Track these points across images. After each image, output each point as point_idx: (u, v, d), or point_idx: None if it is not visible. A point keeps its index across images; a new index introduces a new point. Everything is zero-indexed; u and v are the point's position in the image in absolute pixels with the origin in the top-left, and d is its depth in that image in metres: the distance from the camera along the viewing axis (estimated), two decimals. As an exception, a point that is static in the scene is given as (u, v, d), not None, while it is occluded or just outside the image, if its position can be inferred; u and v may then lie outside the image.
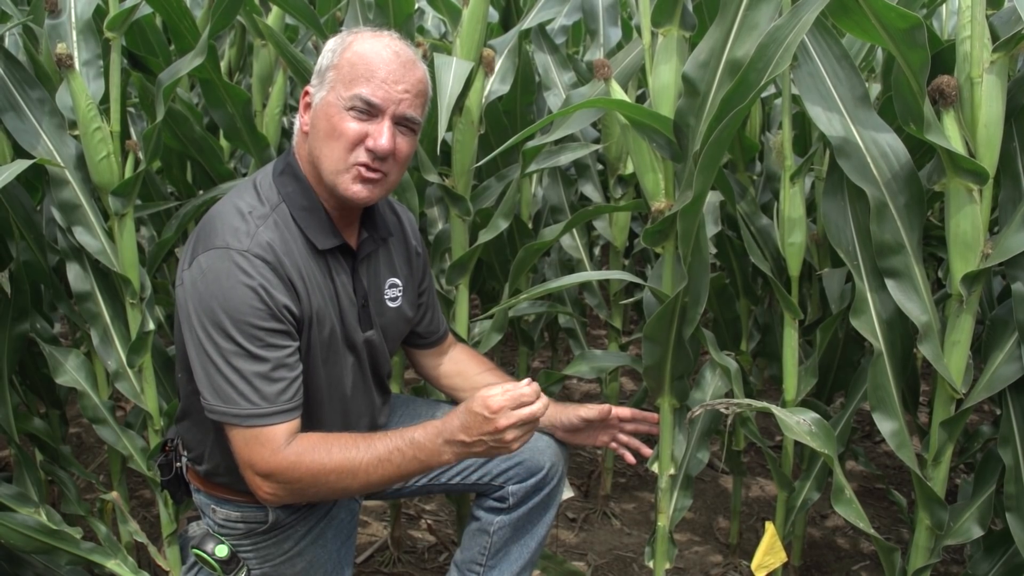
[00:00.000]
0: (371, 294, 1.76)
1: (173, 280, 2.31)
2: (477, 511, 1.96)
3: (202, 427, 1.68)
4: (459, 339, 2.13)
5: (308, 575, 1.84)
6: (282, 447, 1.53)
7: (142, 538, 2.18)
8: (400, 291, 1.83)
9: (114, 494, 2.19)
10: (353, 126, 1.56)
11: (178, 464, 1.79)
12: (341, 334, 1.69)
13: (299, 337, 1.60)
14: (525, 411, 1.53)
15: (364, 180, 1.60)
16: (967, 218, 1.58)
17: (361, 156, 1.58)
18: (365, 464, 1.55)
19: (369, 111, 1.57)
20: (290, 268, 1.56)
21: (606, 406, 1.92)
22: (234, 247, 1.52)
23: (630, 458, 1.98)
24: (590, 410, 1.91)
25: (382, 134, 1.57)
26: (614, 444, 1.98)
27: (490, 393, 1.53)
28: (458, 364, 2.02)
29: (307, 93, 1.63)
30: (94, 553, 2.08)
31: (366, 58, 1.57)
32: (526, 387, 1.54)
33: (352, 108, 1.56)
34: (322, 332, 1.64)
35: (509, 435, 1.53)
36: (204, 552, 1.73)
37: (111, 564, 2.10)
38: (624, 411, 1.94)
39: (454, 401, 2.02)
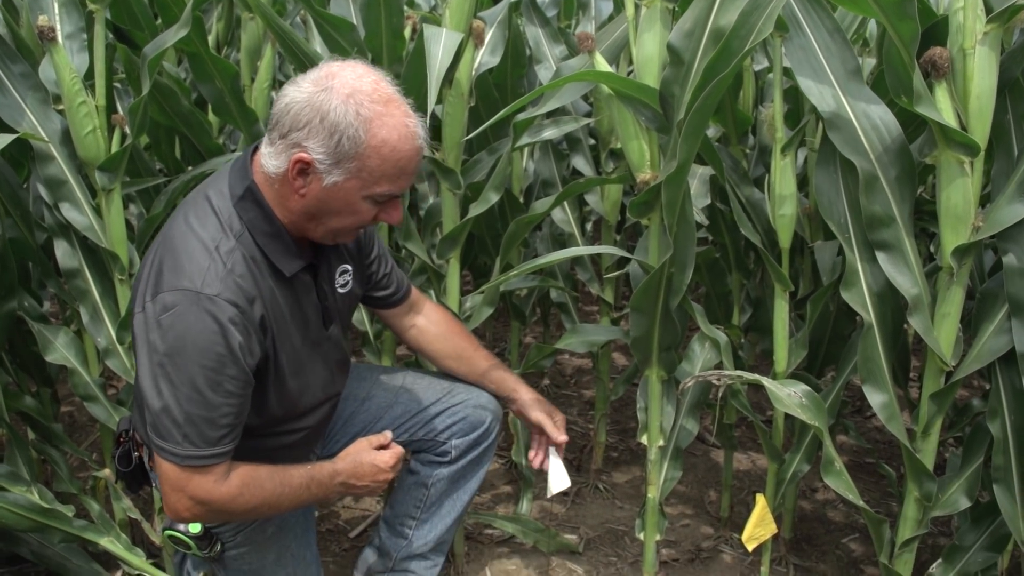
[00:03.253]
0: (329, 292, 1.78)
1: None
2: (415, 465, 2.06)
3: None
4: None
5: (280, 538, 1.87)
6: (222, 479, 1.58)
7: (136, 515, 2.18)
8: (350, 275, 1.84)
9: (106, 471, 2.19)
10: (372, 208, 1.59)
11: (136, 454, 1.79)
12: (309, 341, 1.72)
13: (260, 374, 1.62)
14: (400, 466, 1.83)
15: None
16: (958, 190, 1.58)
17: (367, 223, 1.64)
18: (285, 496, 1.67)
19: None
20: (257, 306, 1.56)
21: (558, 437, 2.01)
22: (204, 291, 1.49)
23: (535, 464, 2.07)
24: (545, 428, 2.00)
25: (398, 211, 1.65)
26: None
27: (376, 443, 1.80)
28: (437, 327, 2.08)
29: (308, 163, 1.50)
30: (87, 531, 2.08)
31: (396, 155, 1.52)
32: (396, 444, 1.84)
33: (375, 199, 1.58)
34: (287, 349, 1.66)
35: (387, 485, 1.82)
36: (177, 532, 1.74)
37: (104, 541, 2.10)
38: (559, 439, 2.02)
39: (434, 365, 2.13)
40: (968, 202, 1.58)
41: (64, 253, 2.13)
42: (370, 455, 1.78)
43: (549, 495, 2.03)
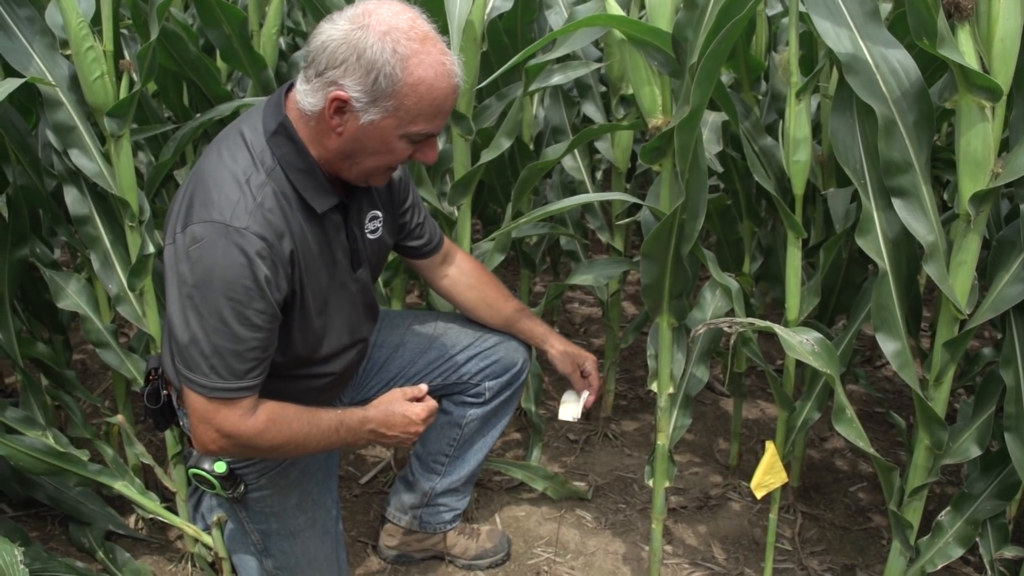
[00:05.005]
0: (358, 235, 1.77)
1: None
2: (448, 405, 2.11)
3: None
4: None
5: (302, 483, 1.89)
6: (249, 414, 1.59)
7: (148, 460, 2.20)
8: (380, 222, 1.84)
9: (119, 417, 2.20)
10: (407, 148, 1.58)
11: (165, 392, 1.81)
12: (337, 281, 1.72)
13: (287, 310, 1.63)
14: (432, 419, 1.84)
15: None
16: (978, 136, 1.55)
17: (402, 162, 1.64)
18: (312, 437, 1.68)
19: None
20: (286, 241, 1.57)
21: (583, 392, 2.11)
22: (233, 224, 1.50)
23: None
24: (572, 382, 2.12)
25: (434, 150, 1.63)
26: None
27: (410, 395, 1.81)
28: (469, 277, 2.11)
29: (345, 101, 1.50)
30: (102, 475, 2.11)
31: (433, 94, 1.51)
32: (429, 396, 1.84)
33: (411, 138, 1.57)
34: (313, 287, 1.66)
35: (416, 438, 1.83)
36: (202, 470, 1.76)
37: (119, 485, 2.12)
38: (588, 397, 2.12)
39: (464, 315, 2.15)
40: (988, 148, 1.55)
41: (74, 200, 2.12)
42: (403, 406, 1.79)
43: (559, 417, 2.11)
